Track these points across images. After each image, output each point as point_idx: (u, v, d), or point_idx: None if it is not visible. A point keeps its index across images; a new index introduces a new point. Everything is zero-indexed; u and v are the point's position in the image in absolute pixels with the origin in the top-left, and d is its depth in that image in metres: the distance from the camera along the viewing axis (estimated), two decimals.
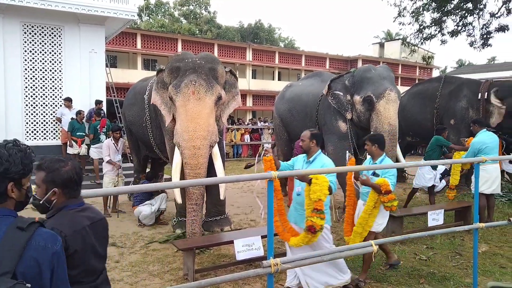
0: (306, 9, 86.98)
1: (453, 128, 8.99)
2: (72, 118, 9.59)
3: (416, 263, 4.95)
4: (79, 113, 9.58)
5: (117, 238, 5.91)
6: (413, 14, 12.83)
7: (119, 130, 7.73)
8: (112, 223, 6.65)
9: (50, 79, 10.30)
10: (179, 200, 5.48)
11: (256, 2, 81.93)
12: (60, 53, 10.36)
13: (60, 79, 10.41)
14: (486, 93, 8.76)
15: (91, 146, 9.12)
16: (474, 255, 4.09)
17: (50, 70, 10.28)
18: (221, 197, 5.63)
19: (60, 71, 10.39)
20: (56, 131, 10.37)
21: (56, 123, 10.26)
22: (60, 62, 10.37)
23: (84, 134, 9.54)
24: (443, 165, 8.30)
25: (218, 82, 5.67)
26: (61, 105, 10.20)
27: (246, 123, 20.72)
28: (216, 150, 5.67)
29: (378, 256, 5.05)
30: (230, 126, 17.37)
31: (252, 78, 31.50)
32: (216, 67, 5.73)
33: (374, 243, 3.30)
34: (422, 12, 12.57)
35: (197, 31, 39.67)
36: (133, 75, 22.42)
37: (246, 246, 4.12)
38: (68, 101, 9.91)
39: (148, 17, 42.19)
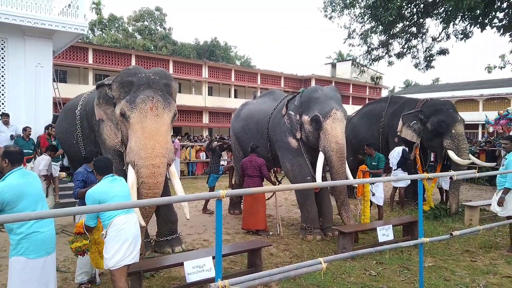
0: (261, 29, 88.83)
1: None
2: (12, 136, 9.06)
3: (366, 279, 5.02)
4: (24, 129, 9.09)
5: (60, 263, 5.56)
6: (362, 36, 13.42)
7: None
8: (56, 246, 6.22)
9: None
10: (143, 223, 5.05)
11: (212, 20, 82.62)
12: (2, 67, 9.83)
13: (3, 94, 9.85)
14: None
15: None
16: (420, 269, 4.22)
17: None
18: (187, 217, 5.43)
19: (2, 85, 9.84)
20: None
21: None
22: (2, 76, 9.83)
23: (31, 151, 9.04)
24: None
25: (173, 98, 5.56)
26: None
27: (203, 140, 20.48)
28: (173, 168, 5.52)
29: (329, 273, 5.09)
30: (185, 143, 17.13)
31: (209, 95, 31.45)
32: (170, 83, 5.61)
33: (323, 260, 3.31)
34: (370, 34, 13.17)
35: (152, 47, 39.26)
36: (84, 90, 21.55)
37: (197, 268, 4.00)
38: (6, 117, 9.35)
39: (101, 32, 41.27)
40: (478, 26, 11.06)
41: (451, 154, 8.57)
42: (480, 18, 10.78)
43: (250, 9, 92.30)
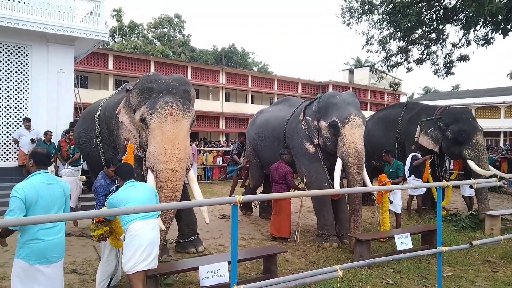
0: (279, 35, 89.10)
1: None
2: (33, 140, 9.30)
3: None
4: (46, 134, 9.31)
5: (79, 265, 5.66)
6: (380, 42, 13.31)
7: None
8: (75, 249, 6.40)
9: (15, 99, 9.99)
10: (163, 227, 5.13)
11: (230, 27, 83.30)
12: (26, 73, 10.10)
13: (26, 99, 10.11)
14: None
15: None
16: (438, 279, 4.15)
17: (15, 90, 9.98)
18: (206, 221, 5.47)
19: (26, 90, 10.10)
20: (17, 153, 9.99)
21: (12, 144, 9.89)
22: (26, 82, 10.10)
23: (51, 155, 9.26)
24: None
25: (191, 104, 5.64)
26: (20, 126, 9.87)
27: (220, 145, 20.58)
28: (192, 173, 5.60)
29: (345, 281, 5.04)
30: (202, 148, 17.25)
31: (226, 100, 31.66)
32: (189, 90, 5.70)
33: (339, 268, 3.29)
34: (388, 40, 13.05)
35: (171, 54, 39.77)
36: (104, 95, 22.01)
37: (212, 273, 4.02)
38: (27, 121, 9.59)
39: (121, 38, 42.03)
40: (500, 32, 10.87)
41: (472, 164, 8.41)
42: (502, 24, 10.59)
43: (267, 14, 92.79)
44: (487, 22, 11.08)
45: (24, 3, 9.79)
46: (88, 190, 7.77)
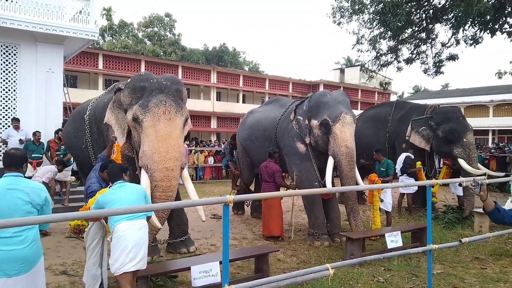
0: (270, 34, 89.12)
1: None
2: (21, 140, 9.19)
3: (374, 286, 4.98)
4: (34, 134, 9.21)
5: (69, 266, 5.60)
6: (371, 42, 13.36)
7: None
8: (65, 250, 6.34)
9: (3, 99, 9.86)
10: (159, 225, 5.07)
11: (220, 26, 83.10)
12: (14, 72, 9.97)
13: (14, 99, 9.99)
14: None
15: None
16: (429, 276, 4.18)
17: (4, 90, 9.85)
18: (203, 219, 5.44)
19: (14, 90, 9.97)
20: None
21: (0, 145, 9.77)
22: (14, 82, 9.96)
23: (41, 155, 9.17)
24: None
25: (184, 103, 5.63)
26: (9, 126, 9.75)
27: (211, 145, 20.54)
28: (186, 172, 5.59)
29: (336, 279, 5.06)
30: (193, 148, 17.20)
31: (217, 100, 31.58)
32: (181, 89, 5.71)
33: (330, 266, 3.30)
34: (378, 40, 13.11)
35: (161, 53, 39.54)
36: (94, 95, 21.79)
37: (203, 273, 4.00)
38: (16, 121, 9.47)
39: (111, 38, 41.70)
40: (488, 31, 10.99)
41: (462, 163, 8.50)
42: (490, 23, 10.72)
43: (258, 13, 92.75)
44: (476, 22, 11.20)
45: (12, 1, 9.67)
46: (62, 168, 7.92)
